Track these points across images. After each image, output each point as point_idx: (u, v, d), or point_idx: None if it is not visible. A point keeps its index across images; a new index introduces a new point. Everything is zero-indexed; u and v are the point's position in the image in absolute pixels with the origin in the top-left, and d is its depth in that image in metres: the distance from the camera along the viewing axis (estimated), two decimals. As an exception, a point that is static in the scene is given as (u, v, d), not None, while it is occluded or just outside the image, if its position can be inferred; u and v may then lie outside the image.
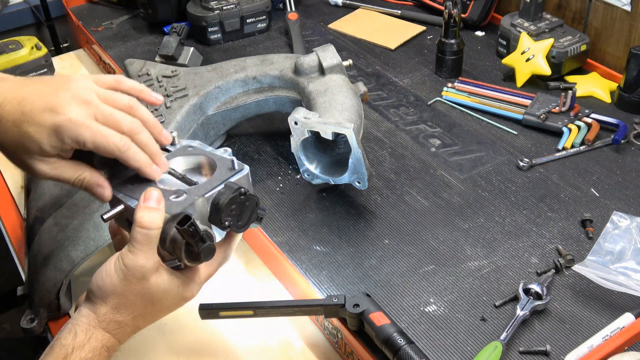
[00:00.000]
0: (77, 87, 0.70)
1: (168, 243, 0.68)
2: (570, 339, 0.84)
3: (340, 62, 1.10)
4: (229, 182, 0.72)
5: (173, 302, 0.72)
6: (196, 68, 1.19)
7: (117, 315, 0.69)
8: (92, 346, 0.67)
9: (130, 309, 0.69)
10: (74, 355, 0.66)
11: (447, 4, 1.31)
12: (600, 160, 1.14)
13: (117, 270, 0.67)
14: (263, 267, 1.02)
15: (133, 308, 0.69)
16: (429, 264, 0.96)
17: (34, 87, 0.70)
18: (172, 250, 0.68)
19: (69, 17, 1.70)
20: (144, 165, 0.71)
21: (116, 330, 0.69)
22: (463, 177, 1.12)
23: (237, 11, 1.52)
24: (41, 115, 0.68)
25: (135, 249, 0.67)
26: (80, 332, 0.67)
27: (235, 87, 1.15)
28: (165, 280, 0.69)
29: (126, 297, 0.68)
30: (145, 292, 0.68)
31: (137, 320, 0.70)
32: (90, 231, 0.93)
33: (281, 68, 1.14)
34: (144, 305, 0.69)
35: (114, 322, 0.69)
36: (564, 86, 1.31)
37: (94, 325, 0.68)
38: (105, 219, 0.71)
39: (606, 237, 0.95)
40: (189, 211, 0.69)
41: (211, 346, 0.91)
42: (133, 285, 0.68)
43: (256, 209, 0.73)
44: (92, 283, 0.69)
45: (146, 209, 0.67)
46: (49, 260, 0.92)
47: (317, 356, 0.89)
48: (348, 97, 1.05)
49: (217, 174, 0.73)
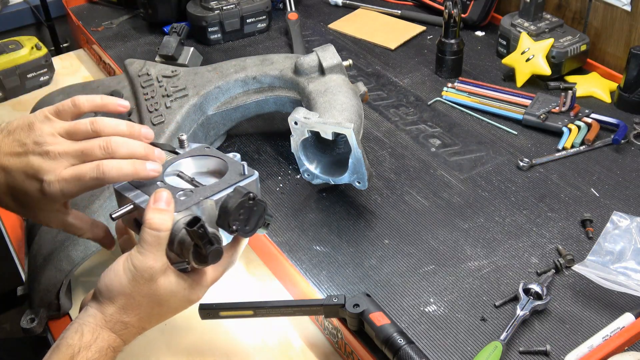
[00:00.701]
0: (38, 137, 0.70)
1: (176, 244, 0.68)
2: (570, 339, 0.84)
3: (340, 62, 1.10)
4: (239, 186, 0.72)
5: (179, 304, 0.72)
6: (196, 68, 1.19)
7: (124, 316, 0.69)
8: (99, 346, 0.67)
9: (137, 310, 0.69)
10: (80, 356, 0.66)
11: (447, 4, 1.31)
12: (600, 160, 1.14)
13: (126, 270, 0.68)
14: (263, 267, 1.02)
15: (140, 309, 0.69)
16: (429, 264, 0.96)
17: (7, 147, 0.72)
18: (180, 252, 0.69)
19: (69, 17, 1.70)
20: (135, 173, 0.71)
21: (122, 330, 0.69)
22: (463, 177, 1.12)
23: (237, 11, 1.53)
24: (26, 185, 0.71)
25: (144, 250, 0.67)
26: (86, 332, 0.67)
27: (235, 87, 1.15)
28: (172, 282, 0.69)
29: (134, 298, 0.68)
30: (152, 294, 0.68)
31: (143, 321, 0.70)
32: None
33: (281, 68, 1.14)
34: (150, 306, 0.69)
35: (120, 323, 0.69)
36: (564, 86, 1.31)
37: (100, 325, 0.68)
38: (114, 217, 0.71)
39: (606, 237, 0.95)
40: (196, 211, 0.70)
41: (211, 346, 0.91)
42: (141, 286, 0.68)
43: (264, 214, 0.73)
44: (100, 283, 0.69)
45: (156, 210, 0.67)
46: (49, 260, 0.92)
47: (317, 356, 0.89)
48: (348, 97, 1.05)
49: (226, 177, 0.74)
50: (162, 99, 1.11)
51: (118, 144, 0.71)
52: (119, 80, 1.22)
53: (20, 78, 1.45)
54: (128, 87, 1.17)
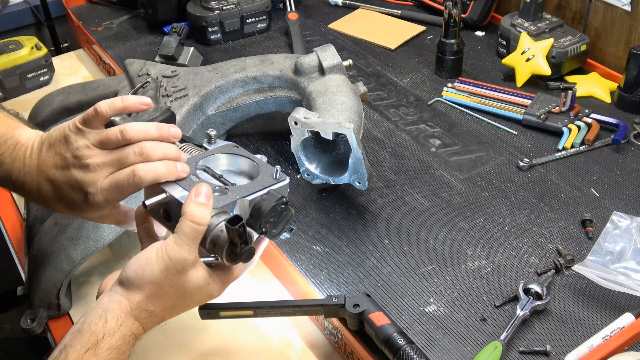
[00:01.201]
0: (76, 151, 0.73)
1: (210, 240, 0.69)
2: (570, 339, 0.84)
3: (340, 62, 1.10)
4: (272, 190, 0.73)
5: (201, 298, 0.73)
6: (196, 68, 1.19)
7: (150, 304, 0.69)
8: (122, 333, 0.67)
9: (163, 300, 0.70)
10: (104, 342, 0.66)
11: (447, 4, 1.31)
12: (600, 160, 1.14)
13: (159, 259, 0.68)
14: (263, 267, 1.02)
15: (166, 299, 0.70)
16: (429, 264, 0.96)
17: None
18: (212, 248, 0.70)
19: (69, 17, 1.70)
20: (169, 174, 0.73)
21: (146, 319, 0.70)
22: (463, 177, 1.12)
23: (237, 11, 1.52)
24: (72, 196, 0.74)
25: (181, 241, 0.68)
26: (110, 318, 0.67)
27: (235, 87, 1.15)
28: (200, 277, 0.70)
29: (162, 287, 0.69)
30: (180, 285, 0.69)
31: (165, 311, 0.71)
32: (90, 231, 0.93)
33: (281, 68, 1.14)
34: (176, 297, 0.70)
35: (145, 311, 0.69)
36: (564, 86, 1.30)
37: (126, 312, 0.68)
38: (147, 205, 0.72)
39: (606, 237, 0.95)
40: (231, 209, 0.71)
41: (211, 346, 0.91)
42: (172, 277, 0.68)
43: (290, 220, 0.74)
44: (128, 269, 0.69)
45: (197, 204, 0.68)
46: (49, 260, 0.92)
47: (317, 356, 0.89)
48: (348, 97, 1.05)
49: (259, 179, 0.75)
50: (162, 99, 1.11)
51: (152, 149, 0.73)
52: (119, 80, 1.22)
53: (20, 78, 1.45)
54: (128, 87, 1.17)
